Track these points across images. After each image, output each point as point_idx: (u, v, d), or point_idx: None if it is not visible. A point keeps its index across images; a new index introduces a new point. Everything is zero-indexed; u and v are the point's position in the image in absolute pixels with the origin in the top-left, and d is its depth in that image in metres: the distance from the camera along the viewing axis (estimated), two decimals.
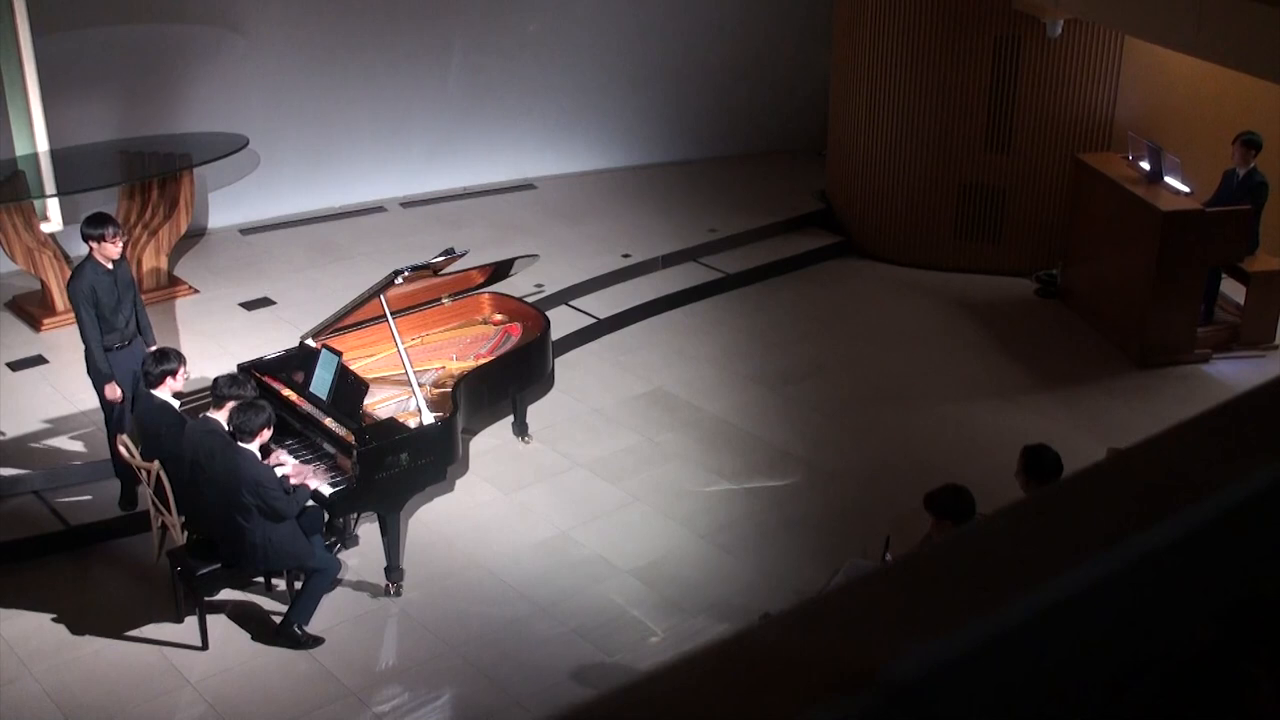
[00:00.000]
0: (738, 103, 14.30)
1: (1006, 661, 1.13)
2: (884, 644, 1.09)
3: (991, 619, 1.12)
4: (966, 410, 10.02)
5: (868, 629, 1.13)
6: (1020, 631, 1.13)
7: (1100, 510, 1.29)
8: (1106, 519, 1.27)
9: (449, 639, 7.57)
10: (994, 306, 11.68)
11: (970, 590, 1.17)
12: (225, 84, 12.08)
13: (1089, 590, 1.18)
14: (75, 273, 8.25)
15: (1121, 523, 1.25)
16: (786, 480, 9.17)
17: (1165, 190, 10.49)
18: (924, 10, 11.82)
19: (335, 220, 12.78)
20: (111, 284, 8.17)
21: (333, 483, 7.66)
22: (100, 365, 8.15)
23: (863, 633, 1.12)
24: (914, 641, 1.08)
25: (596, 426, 9.75)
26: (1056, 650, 1.18)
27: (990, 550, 1.25)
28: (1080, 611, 1.18)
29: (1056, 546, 1.22)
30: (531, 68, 13.42)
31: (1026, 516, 1.32)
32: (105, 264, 8.16)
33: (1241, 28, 8.29)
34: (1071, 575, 1.17)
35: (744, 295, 11.91)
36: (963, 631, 1.10)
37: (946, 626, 1.10)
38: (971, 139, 11.98)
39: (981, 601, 1.14)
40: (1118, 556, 1.20)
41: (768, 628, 1.11)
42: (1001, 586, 1.16)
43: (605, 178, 13.90)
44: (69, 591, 7.97)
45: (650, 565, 8.22)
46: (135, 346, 8.32)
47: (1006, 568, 1.20)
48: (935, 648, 1.08)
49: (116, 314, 8.18)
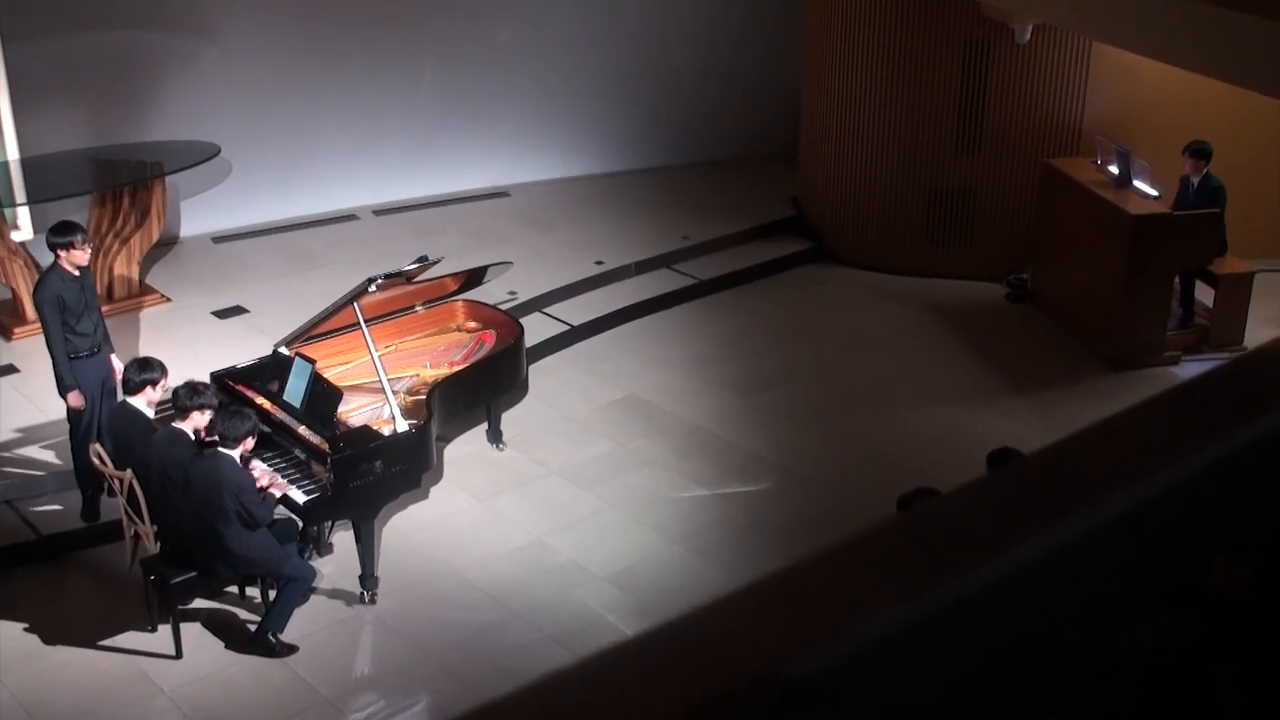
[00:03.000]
0: (709, 109, 14.34)
1: (913, 659, 1.14)
2: (788, 642, 1.09)
3: (897, 615, 1.13)
4: (939, 414, 10.06)
5: (773, 626, 1.13)
6: (927, 628, 1.14)
7: (1007, 508, 1.31)
8: (1014, 517, 1.28)
9: (424, 646, 7.57)
10: (965, 311, 11.74)
11: (879, 586, 1.18)
12: (197, 92, 12.04)
13: (995, 588, 1.19)
14: (41, 281, 8.25)
15: (1034, 518, 1.26)
16: (760, 485, 9.20)
17: (1134, 194, 10.57)
18: (893, 16, 11.88)
19: (308, 228, 12.76)
20: (78, 290, 8.15)
21: (307, 490, 7.66)
22: (64, 373, 8.12)
23: (767, 630, 1.12)
24: (818, 640, 1.09)
25: (570, 433, 9.76)
26: (968, 646, 1.19)
27: (899, 547, 1.26)
28: (986, 610, 1.19)
29: (967, 544, 1.23)
30: (504, 76, 13.43)
31: (940, 512, 1.33)
32: (72, 271, 8.15)
33: (1208, 33, 8.36)
34: (983, 572, 1.18)
35: (717, 301, 11.94)
36: (868, 627, 1.11)
37: (851, 624, 1.11)
38: (941, 144, 12.04)
39: (890, 597, 1.15)
40: (1028, 551, 1.21)
41: (675, 625, 1.12)
42: (910, 584, 1.17)
43: (578, 185, 13.92)
44: (41, 601, 7.93)
45: (624, 571, 8.23)
46: (102, 354, 8.30)
47: (915, 565, 1.21)
48: (838, 645, 1.09)
49: (82, 320, 8.16)
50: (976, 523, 1.26)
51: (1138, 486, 1.30)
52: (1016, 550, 1.20)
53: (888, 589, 1.16)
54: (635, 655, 1.10)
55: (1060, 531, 1.23)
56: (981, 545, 1.21)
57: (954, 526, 1.26)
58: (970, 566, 1.18)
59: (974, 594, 1.16)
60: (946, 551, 1.21)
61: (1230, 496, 1.43)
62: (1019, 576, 1.20)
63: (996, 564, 1.19)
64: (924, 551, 1.23)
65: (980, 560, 1.19)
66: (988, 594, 1.18)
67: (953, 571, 1.17)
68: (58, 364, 8.13)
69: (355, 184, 13.10)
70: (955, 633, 1.17)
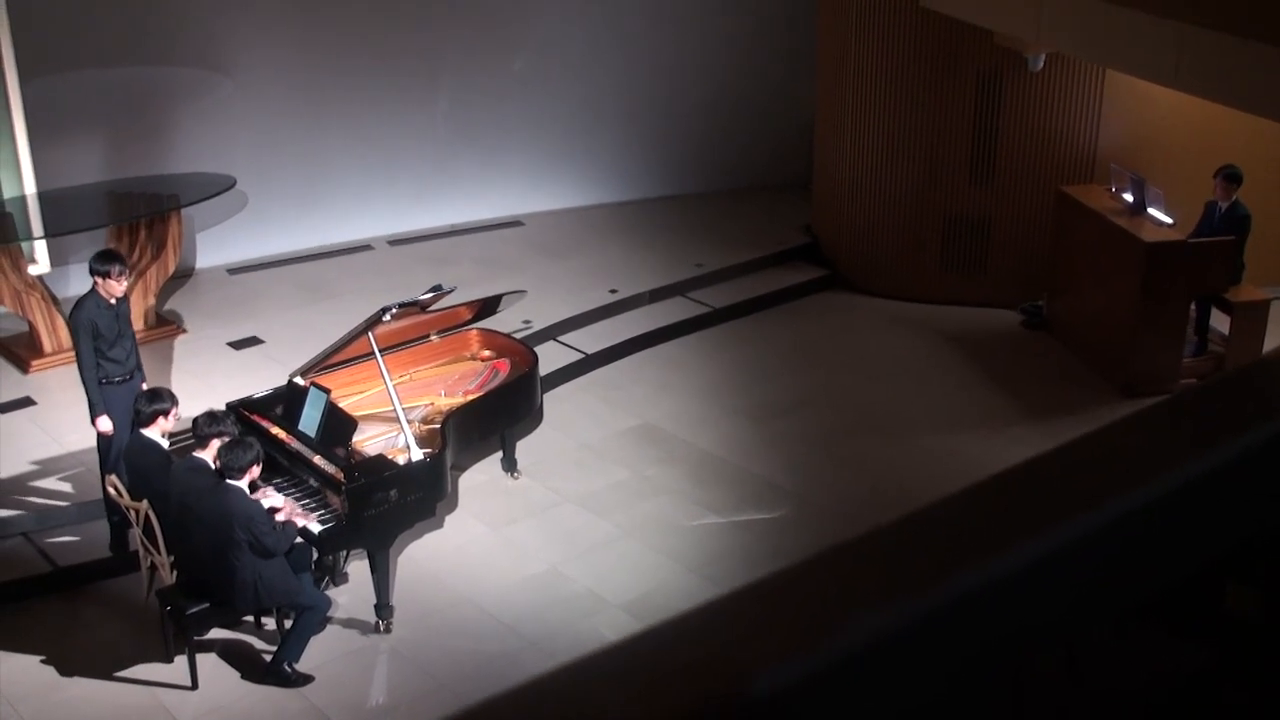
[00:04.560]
0: (723, 138, 14.38)
1: (879, 676, 1.14)
2: (756, 656, 1.09)
3: (859, 632, 1.13)
4: (953, 442, 10.05)
5: (742, 641, 1.13)
6: (893, 645, 1.14)
7: (973, 525, 1.31)
8: (980, 533, 1.28)
9: (439, 676, 7.56)
10: (980, 338, 11.73)
11: (843, 603, 1.18)
12: (213, 125, 12.12)
13: (959, 602, 1.19)
14: (77, 304, 8.35)
15: (997, 535, 1.26)
16: (774, 513, 9.18)
17: (1148, 221, 10.56)
18: (907, 45, 11.91)
19: (323, 259, 12.81)
20: (112, 319, 8.24)
21: (322, 520, 7.66)
22: (94, 399, 8.18)
23: (736, 644, 1.12)
24: (785, 653, 1.09)
25: (585, 461, 9.76)
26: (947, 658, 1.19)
27: (868, 563, 1.26)
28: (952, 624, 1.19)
29: (934, 558, 1.24)
30: (518, 106, 13.49)
31: (908, 527, 1.34)
32: (108, 299, 8.23)
33: (1221, 60, 8.37)
34: (948, 586, 1.18)
35: (731, 329, 11.95)
36: (834, 643, 1.11)
37: (819, 638, 1.11)
38: (955, 172, 12.06)
39: (852, 614, 1.15)
40: (995, 567, 1.21)
41: (644, 637, 1.12)
42: (874, 600, 1.17)
43: (592, 214, 13.95)
44: (58, 633, 7.94)
45: (640, 599, 8.22)
46: (134, 382, 8.35)
47: (882, 581, 1.22)
48: (806, 659, 1.09)
49: (115, 347, 8.23)
50: (961, 532, 1.27)
51: (1133, 493, 1.30)
52: (1001, 560, 1.20)
53: (866, 598, 1.17)
54: (609, 664, 1.10)
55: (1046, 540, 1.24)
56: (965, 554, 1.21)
57: (940, 535, 1.26)
58: (953, 575, 1.18)
59: (954, 603, 1.16)
60: (930, 559, 1.21)
61: (1231, 503, 1.43)
62: (1003, 585, 1.21)
63: (981, 572, 1.19)
64: (908, 559, 1.23)
65: (964, 569, 1.19)
66: (967, 604, 1.18)
67: (935, 580, 1.17)
68: (88, 389, 8.20)
69: (370, 214, 13.15)
70: (935, 644, 1.17)
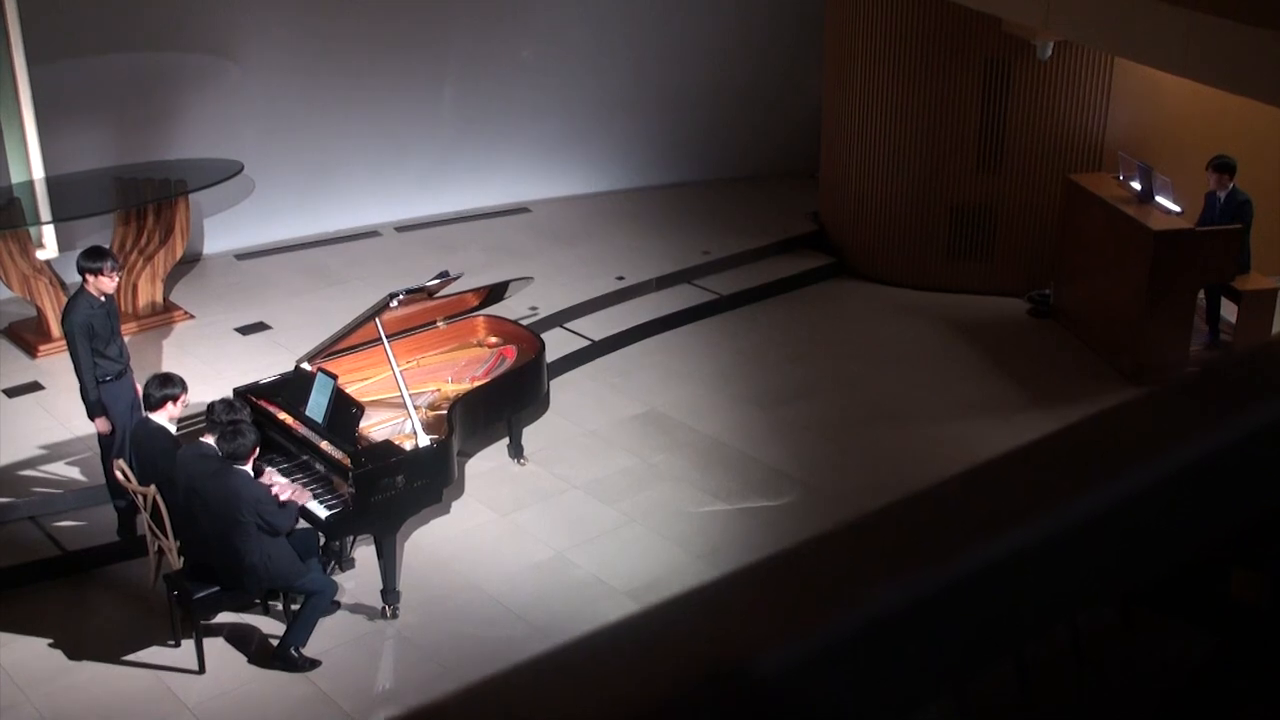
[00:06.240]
0: (730, 125, 14.36)
1: (877, 656, 1.14)
2: (756, 634, 1.09)
3: (862, 612, 1.13)
4: (960, 430, 10.04)
5: (741, 619, 1.13)
6: (894, 623, 1.14)
7: (975, 503, 1.31)
8: (981, 512, 1.28)
9: (445, 661, 7.58)
10: (987, 326, 11.73)
11: (844, 583, 1.18)
12: (220, 110, 12.12)
13: (962, 583, 1.19)
14: (69, 306, 8.22)
15: (996, 515, 1.26)
16: (781, 500, 9.19)
17: (1156, 210, 10.55)
18: (915, 33, 11.89)
19: (330, 245, 12.82)
20: (105, 317, 8.18)
21: (329, 506, 7.68)
22: (93, 399, 8.14)
23: (735, 623, 1.12)
24: (785, 633, 1.09)
25: (591, 448, 9.77)
26: (936, 641, 1.19)
27: (867, 544, 1.27)
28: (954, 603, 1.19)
29: (932, 539, 1.24)
30: (525, 92, 13.48)
31: (911, 507, 1.34)
32: (99, 297, 8.18)
33: (1231, 48, 8.34)
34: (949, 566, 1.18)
35: (738, 316, 11.95)
36: (835, 623, 1.11)
37: (819, 618, 1.11)
38: (963, 160, 12.04)
39: (853, 594, 1.15)
40: (995, 547, 1.21)
41: (642, 616, 1.12)
42: (874, 579, 1.17)
43: (599, 200, 13.95)
44: (66, 617, 7.97)
45: (646, 586, 8.23)
46: (128, 377, 8.34)
47: (882, 561, 1.22)
48: (806, 639, 1.09)
49: (110, 345, 8.19)
50: (960, 514, 1.27)
51: (1134, 476, 1.30)
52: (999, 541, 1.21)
53: (865, 580, 1.17)
54: (602, 646, 1.10)
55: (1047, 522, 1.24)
56: (964, 537, 1.22)
57: (938, 517, 1.26)
58: (952, 558, 1.18)
59: (954, 585, 1.16)
60: (929, 542, 1.21)
61: (1234, 488, 1.43)
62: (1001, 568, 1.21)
63: (978, 555, 1.19)
64: (905, 542, 1.23)
65: (962, 552, 1.19)
66: (966, 586, 1.18)
67: (935, 562, 1.17)
68: (86, 390, 8.13)
69: (377, 201, 13.16)
70: (934, 627, 1.17)
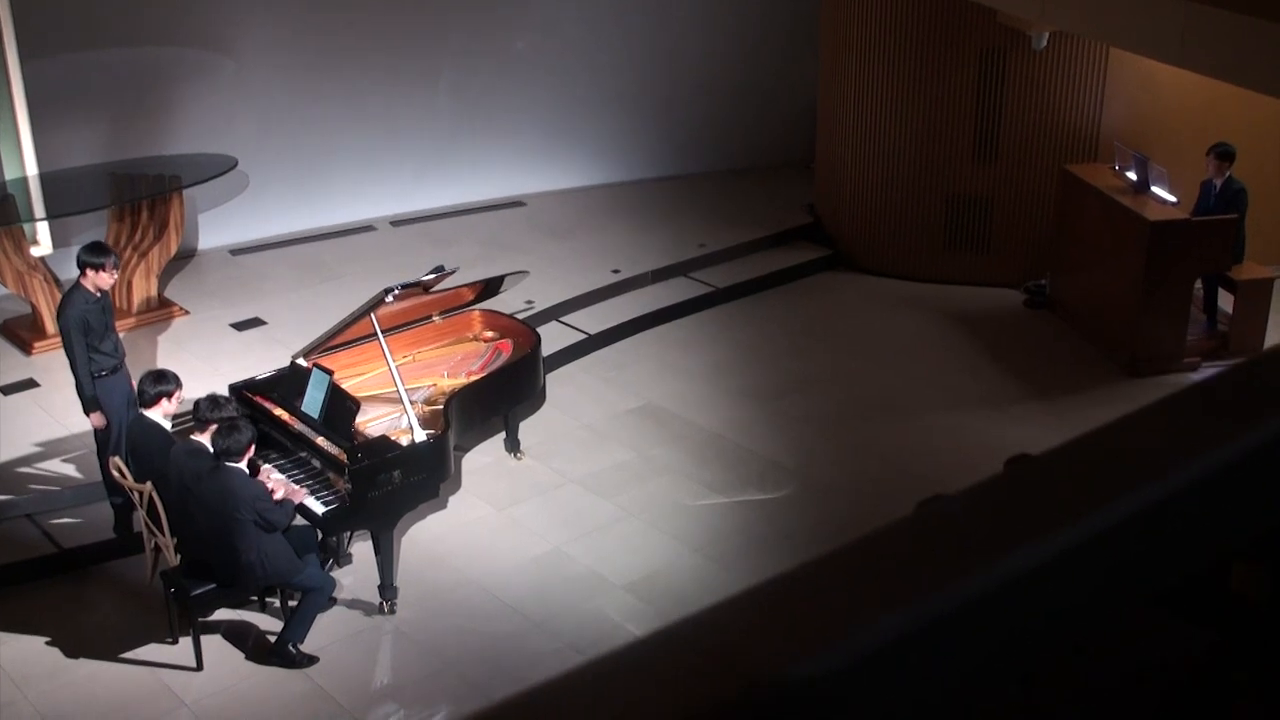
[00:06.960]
0: (725, 117, 14.35)
1: (914, 664, 1.13)
2: (791, 644, 1.09)
3: (896, 620, 1.12)
4: (957, 421, 10.04)
5: (777, 628, 1.12)
6: (929, 633, 1.13)
7: (999, 517, 1.30)
8: (1006, 524, 1.28)
9: (444, 656, 7.58)
10: (983, 318, 11.72)
11: (876, 592, 1.17)
12: (214, 105, 12.10)
13: (999, 591, 1.18)
14: (65, 302, 8.21)
15: (1023, 527, 1.26)
16: (778, 493, 9.19)
17: (1152, 200, 10.54)
18: (910, 23, 11.87)
19: (325, 240, 12.80)
20: (100, 312, 8.17)
21: (326, 501, 7.67)
22: (88, 395, 8.13)
23: (772, 632, 1.12)
24: (819, 643, 1.09)
25: (588, 442, 9.76)
26: (967, 650, 1.18)
27: (898, 554, 1.26)
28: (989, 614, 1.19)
29: (973, 546, 1.23)
30: (520, 85, 13.45)
31: (933, 521, 1.34)
32: (94, 293, 8.16)
33: (1226, 38, 8.33)
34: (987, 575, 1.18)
35: (733, 309, 11.94)
36: (868, 631, 1.10)
37: (852, 628, 1.10)
38: (959, 151, 12.02)
39: (886, 603, 1.15)
40: (1020, 559, 1.21)
41: (681, 625, 1.12)
42: (909, 589, 1.17)
43: (594, 194, 13.93)
44: (63, 614, 7.95)
45: (644, 580, 8.23)
46: (123, 371, 8.33)
47: (914, 571, 1.21)
48: (841, 648, 1.08)
49: (104, 340, 8.18)
50: (982, 525, 1.26)
51: (1148, 487, 1.30)
52: (1022, 552, 1.20)
53: (890, 592, 1.16)
54: (633, 661, 1.10)
55: (1067, 533, 1.23)
56: (987, 548, 1.21)
57: (960, 528, 1.26)
58: (976, 569, 1.17)
59: (978, 597, 1.16)
60: (952, 554, 1.21)
61: (1243, 495, 1.42)
62: (1025, 579, 1.20)
63: (1001, 566, 1.18)
64: (929, 554, 1.23)
65: (986, 562, 1.18)
66: (991, 597, 1.17)
67: (958, 574, 1.17)
68: (82, 386, 8.12)
69: (372, 195, 13.13)
70: (959, 636, 1.16)
